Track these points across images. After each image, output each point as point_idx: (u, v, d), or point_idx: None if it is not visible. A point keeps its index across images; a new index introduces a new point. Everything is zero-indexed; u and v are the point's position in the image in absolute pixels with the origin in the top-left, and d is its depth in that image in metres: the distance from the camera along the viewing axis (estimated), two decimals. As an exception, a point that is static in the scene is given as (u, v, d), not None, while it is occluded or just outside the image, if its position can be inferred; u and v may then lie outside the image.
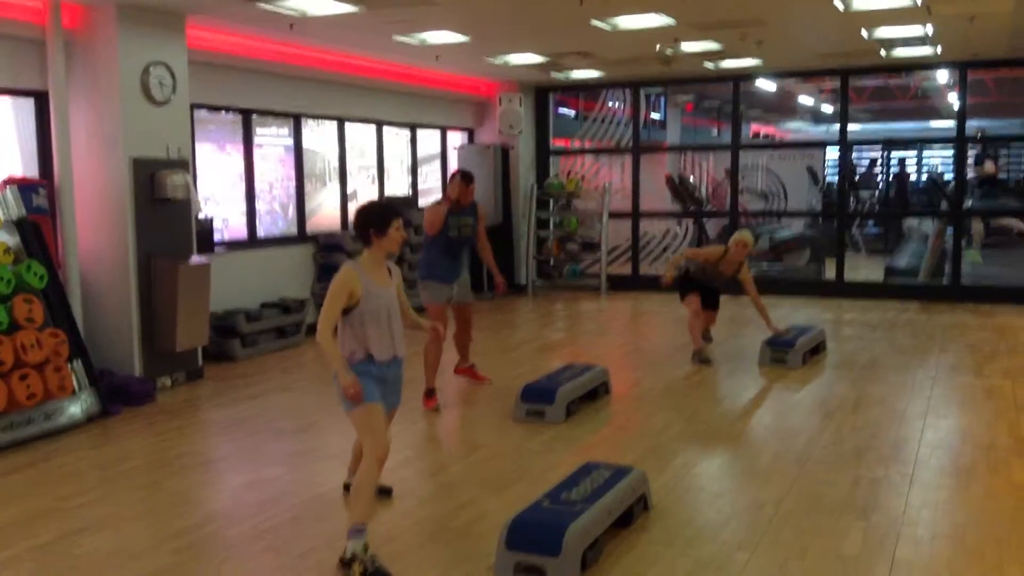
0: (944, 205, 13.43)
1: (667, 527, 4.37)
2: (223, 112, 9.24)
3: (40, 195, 6.74)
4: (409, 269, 10.96)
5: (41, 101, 7.09)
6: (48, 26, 6.85)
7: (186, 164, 7.53)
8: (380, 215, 4.23)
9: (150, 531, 4.45)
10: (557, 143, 14.27)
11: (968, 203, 13.61)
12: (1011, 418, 6.22)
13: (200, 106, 8.60)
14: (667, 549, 4.11)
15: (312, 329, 9.70)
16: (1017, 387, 7.08)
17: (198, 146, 8.64)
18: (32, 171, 7.10)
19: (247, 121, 9.36)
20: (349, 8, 7.23)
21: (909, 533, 4.26)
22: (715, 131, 22.93)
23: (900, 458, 5.39)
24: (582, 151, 14.51)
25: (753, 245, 8.24)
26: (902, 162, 19.30)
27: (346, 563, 3.84)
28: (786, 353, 7.82)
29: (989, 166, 13.95)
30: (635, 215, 13.31)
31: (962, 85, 11.96)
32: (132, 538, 4.36)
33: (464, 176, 6.91)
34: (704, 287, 8.23)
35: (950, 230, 12.35)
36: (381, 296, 4.18)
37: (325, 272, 10.00)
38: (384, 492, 4.76)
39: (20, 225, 6.41)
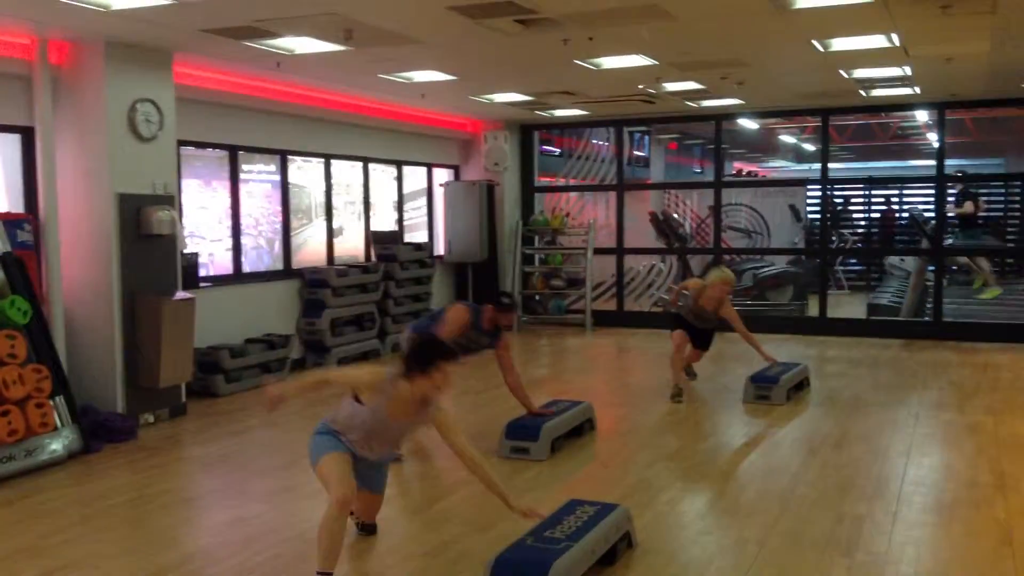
0: (925, 243, 13.56)
1: (651, 565, 4.36)
2: (209, 148, 9.28)
3: (25, 230, 6.74)
4: (393, 322, 10.98)
5: (27, 137, 7.10)
6: (35, 62, 6.89)
7: (172, 200, 7.55)
8: (427, 353, 4.05)
9: (131, 569, 4.40)
10: (542, 180, 14.37)
11: (949, 241, 13.75)
12: (992, 455, 6.25)
13: (187, 143, 8.64)
14: (652, 587, 4.11)
15: (296, 365, 9.69)
16: (999, 423, 7.13)
17: (184, 182, 8.66)
18: (17, 206, 7.10)
19: (233, 157, 9.40)
20: (336, 47, 7.30)
21: (893, 570, 4.27)
22: (699, 169, 23.15)
23: (883, 495, 5.41)
24: (567, 188, 14.62)
25: (734, 284, 8.29)
26: (887, 200, 19.54)
27: None
28: (770, 389, 7.86)
29: (968, 206, 14.11)
30: (620, 251, 13.39)
31: (941, 125, 12.15)
32: (113, 576, 4.32)
33: (501, 306, 6.60)
34: (696, 327, 8.27)
35: (931, 268, 12.47)
36: (383, 423, 4.12)
37: (311, 307, 10.00)
38: (367, 529, 4.74)
39: (4, 260, 6.39)
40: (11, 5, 5.99)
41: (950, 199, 14.07)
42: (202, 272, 8.91)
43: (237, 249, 9.48)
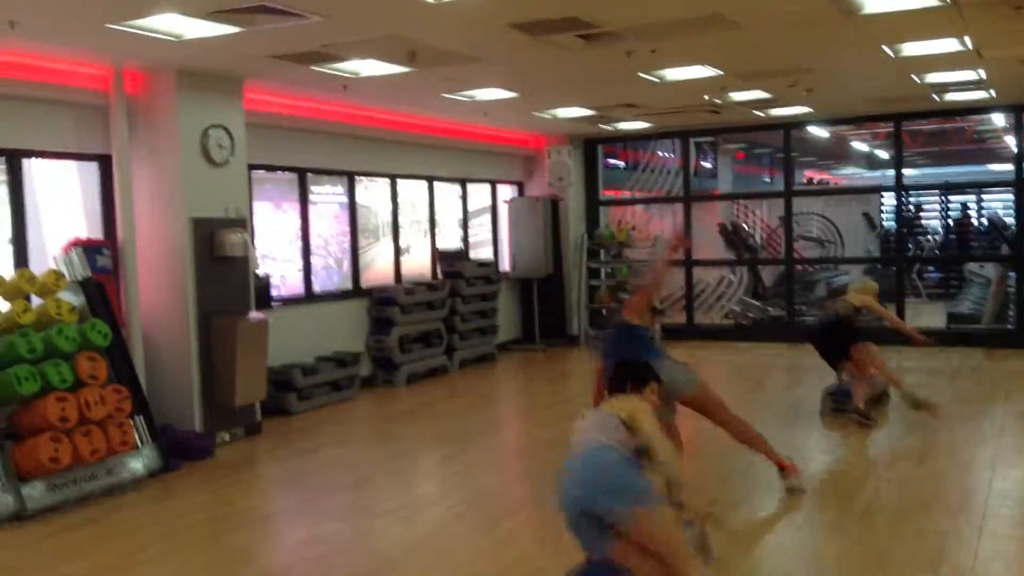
0: (1005, 249, 13.15)
1: (728, 582, 4.28)
2: (279, 171, 9.46)
3: (104, 255, 6.94)
4: (460, 339, 11.00)
5: (105, 164, 7.33)
6: (112, 92, 7.12)
7: (244, 223, 7.71)
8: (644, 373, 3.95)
9: (209, 587, 4.48)
10: (607, 193, 14.32)
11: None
12: (1084, 467, 6.01)
13: (257, 166, 8.82)
14: (729, 605, 4.03)
15: (366, 383, 9.78)
16: (1089, 435, 6.85)
17: (255, 204, 8.84)
18: (96, 232, 7.33)
19: (302, 179, 9.57)
20: (400, 69, 7.39)
21: (980, 588, 4.13)
22: (768, 178, 22.83)
23: (968, 509, 5.23)
24: (632, 201, 14.53)
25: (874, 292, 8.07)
26: (964, 206, 19.00)
27: None
28: (848, 402, 7.66)
29: None
30: (688, 263, 13.25)
31: (1018, 127, 11.78)
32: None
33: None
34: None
35: (1012, 274, 12.07)
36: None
37: (379, 326, 10.11)
38: None
39: (85, 285, 6.59)
40: (88, 38, 6.19)
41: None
42: (274, 293, 9.07)
43: (307, 270, 9.63)
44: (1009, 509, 5.25)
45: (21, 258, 6.77)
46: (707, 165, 19.19)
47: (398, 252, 10.95)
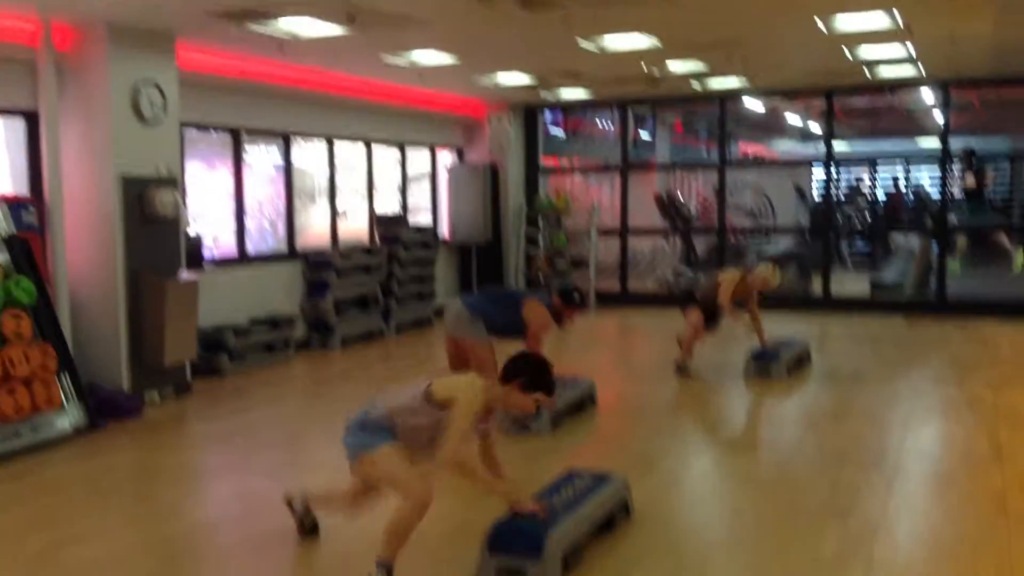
0: (929, 221, 13.57)
1: (648, 532, 4.42)
2: (212, 131, 9.33)
3: (30, 212, 6.81)
4: (397, 304, 11.05)
5: (32, 121, 7.17)
6: (40, 47, 6.94)
7: (175, 182, 7.61)
8: (544, 383, 3.94)
9: (137, 540, 4.49)
10: (546, 162, 14.39)
11: (953, 219, 13.75)
12: (991, 427, 6.29)
13: (190, 125, 8.69)
14: (648, 553, 4.17)
15: (301, 346, 9.77)
16: (998, 397, 7.16)
17: (187, 164, 8.72)
18: (22, 189, 7.18)
19: (236, 139, 9.46)
20: (338, 29, 7.33)
21: (886, 535, 4.33)
22: (704, 150, 23.10)
23: (880, 465, 5.46)
24: (571, 170, 14.63)
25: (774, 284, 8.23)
26: (894, 180, 19.52)
27: None
28: (771, 366, 7.90)
29: (970, 179, 14.11)
30: (624, 232, 13.41)
31: (945, 103, 12.13)
32: (120, 546, 4.40)
33: (570, 302, 6.60)
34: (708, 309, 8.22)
35: (935, 245, 12.47)
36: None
37: (315, 289, 10.07)
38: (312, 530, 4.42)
39: (9, 242, 6.47)
40: (13, -12, 6.05)
41: (958, 174, 14.08)
42: (206, 254, 8.98)
43: (241, 231, 9.54)
44: (919, 466, 5.49)
45: (-57, 214, 6.61)
46: (645, 135, 19.35)
47: (335, 215, 10.89)
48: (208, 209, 9.29)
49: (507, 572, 3.82)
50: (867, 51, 9.18)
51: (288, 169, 10.16)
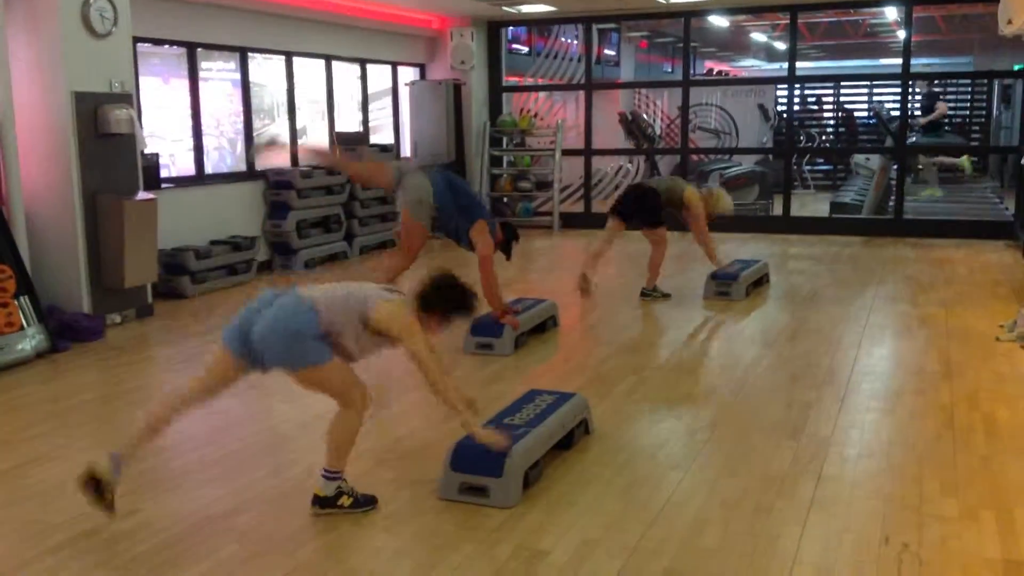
0: (889, 141, 13.66)
1: (606, 449, 4.54)
2: (167, 46, 9.09)
3: (-20, 130, 6.63)
4: (360, 224, 10.99)
5: (-23, 34, 6.93)
6: (-18, -45, 6.67)
7: (130, 98, 7.43)
8: (463, 306, 3.89)
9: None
10: (510, 80, 14.22)
11: (912, 139, 13.86)
12: (942, 345, 6.47)
13: (143, 40, 8.45)
14: (605, 469, 4.28)
15: (263, 267, 9.71)
16: (950, 316, 7.34)
17: (142, 80, 8.51)
18: (-29, 106, 6.97)
19: (192, 54, 9.22)
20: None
21: (836, 451, 4.47)
22: (669, 68, 22.93)
23: (833, 383, 5.61)
24: (535, 88, 14.47)
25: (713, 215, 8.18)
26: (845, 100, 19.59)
27: (327, 501, 3.80)
28: (729, 286, 8.01)
29: (942, 107, 14.19)
30: (588, 152, 13.36)
31: (908, 22, 12.10)
32: (82, 468, 4.42)
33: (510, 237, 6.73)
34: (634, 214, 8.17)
35: (894, 166, 12.59)
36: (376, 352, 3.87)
37: (276, 209, 9.97)
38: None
39: (-40, 161, 6.32)
40: None
41: (917, 100, 14.13)
42: (164, 173, 8.84)
43: (199, 150, 9.39)
44: (870, 384, 5.64)
45: None
46: (610, 53, 19.14)
47: (294, 134, 10.73)
48: (164, 127, 9.10)
49: (470, 489, 3.91)
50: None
51: (245, 85, 9.95)
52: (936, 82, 14.26)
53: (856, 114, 19.47)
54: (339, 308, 3.73)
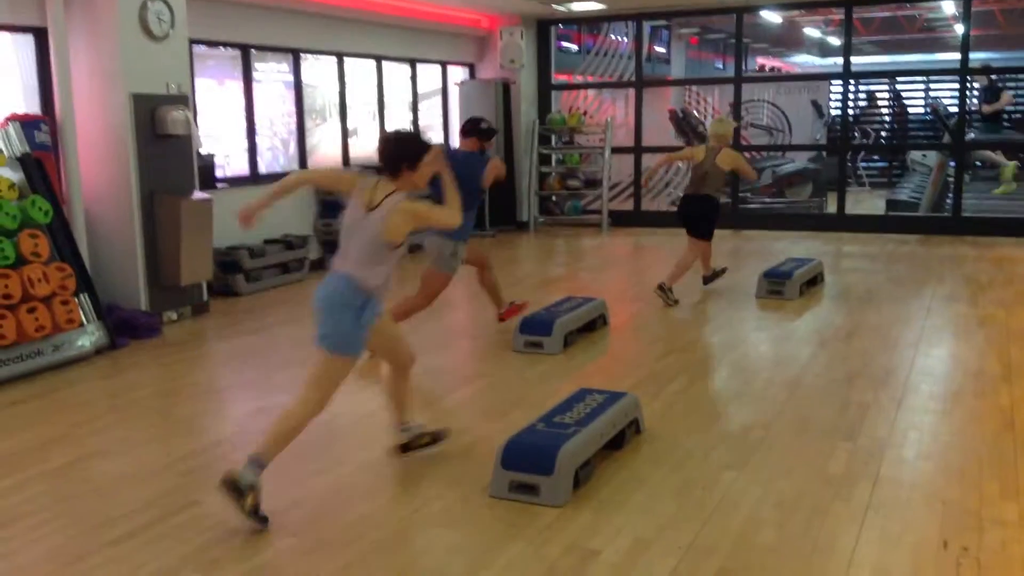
0: (946, 138, 13.38)
1: (658, 449, 4.51)
2: (222, 48, 9.23)
3: (43, 131, 6.79)
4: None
5: (40, 37, 7.09)
6: (45, -39, 6.83)
7: (186, 100, 7.56)
8: (417, 148, 4.03)
9: (159, 455, 4.60)
10: (559, 78, 14.19)
11: (971, 135, 13.55)
12: (1001, 346, 6.32)
13: (199, 42, 8.59)
14: (657, 469, 4.25)
15: (315, 266, 9.83)
16: (1010, 316, 7.18)
17: (197, 82, 8.65)
18: (34, 108, 7.14)
19: (246, 56, 9.36)
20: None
21: (894, 453, 4.40)
22: (720, 64, 22.73)
23: (890, 384, 5.52)
24: (584, 85, 14.43)
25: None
26: (899, 95, 19.20)
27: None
28: (783, 284, 7.91)
29: (1006, 97, 13.81)
30: (637, 150, 13.29)
31: (966, 15, 11.84)
32: (142, 461, 4.52)
33: (483, 133, 6.58)
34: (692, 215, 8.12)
35: (951, 163, 12.34)
36: (356, 218, 3.97)
37: (327, 209, 10.07)
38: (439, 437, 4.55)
39: (24, 161, 6.47)
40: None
41: (975, 95, 13.81)
42: (219, 173, 8.98)
43: (253, 150, 9.52)
44: (928, 385, 5.54)
45: (-45, 133, 6.61)
46: (660, 50, 19.02)
47: (346, 134, 10.83)
48: (219, 128, 9.25)
49: (520, 487, 3.91)
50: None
51: (298, 86, 10.07)
52: (995, 77, 13.89)
53: (911, 110, 19.09)
54: (363, 260, 3.94)
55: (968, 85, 12.44)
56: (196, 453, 4.62)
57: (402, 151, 4.03)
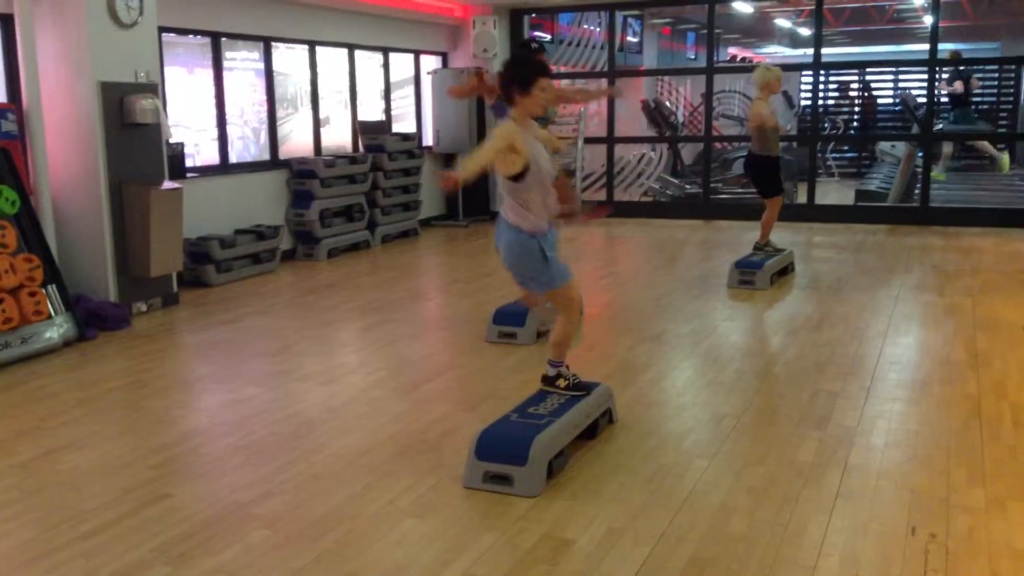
0: (915, 128, 13.52)
1: (631, 438, 4.54)
2: (192, 36, 9.13)
3: (9, 120, 6.70)
4: (382, 214, 10.99)
5: (7, 24, 6.98)
6: (9, -54, 6.72)
7: (155, 88, 7.48)
8: (527, 71, 3.97)
9: (129, 448, 4.56)
10: (532, 67, 14.13)
11: (939, 126, 13.71)
12: (968, 334, 6.41)
13: (168, 29, 8.49)
14: (630, 458, 4.28)
15: (287, 256, 9.78)
16: (977, 305, 7.28)
17: (167, 70, 8.56)
18: (0, 96, 7.04)
19: (216, 44, 9.26)
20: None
21: (862, 441, 4.45)
22: (692, 55, 22.79)
23: (858, 373, 5.58)
24: (557, 76, 14.39)
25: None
26: (867, 85, 19.39)
27: (550, 379, 4.47)
28: (754, 275, 7.97)
29: (957, 85, 14.02)
30: (610, 140, 13.31)
31: (935, 6, 11.95)
32: (112, 455, 4.48)
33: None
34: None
35: (920, 154, 12.46)
36: (542, 155, 4.02)
37: (299, 198, 10.02)
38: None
39: (-11, 150, 6.38)
40: None
41: (944, 78, 13.97)
42: (189, 163, 8.89)
43: (223, 139, 9.43)
44: (896, 373, 5.60)
45: (-82, 122, 6.49)
46: (633, 40, 19.03)
47: (318, 123, 10.76)
48: (189, 117, 9.15)
49: (494, 477, 3.92)
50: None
51: (269, 74, 9.99)
52: (962, 68, 14.04)
53: (880, 100, 19.26)
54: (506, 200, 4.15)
55: (936, 76, 12.56)
56: (167, 446, 4.58)
57: (511, 75, 3.98)
